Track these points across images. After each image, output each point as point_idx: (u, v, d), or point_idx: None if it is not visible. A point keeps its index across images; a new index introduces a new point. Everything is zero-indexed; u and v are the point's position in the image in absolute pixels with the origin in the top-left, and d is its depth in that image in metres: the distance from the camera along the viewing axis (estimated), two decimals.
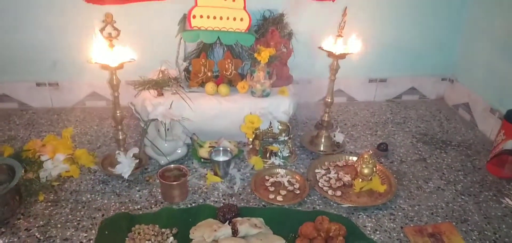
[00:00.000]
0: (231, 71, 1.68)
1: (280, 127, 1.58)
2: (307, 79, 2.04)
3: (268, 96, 1.63)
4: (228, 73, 1.68)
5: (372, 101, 2.19)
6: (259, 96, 1.62)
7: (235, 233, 1.15)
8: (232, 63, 1.66)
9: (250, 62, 1.68)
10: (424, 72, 2.18)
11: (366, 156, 1.41)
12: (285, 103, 1.63)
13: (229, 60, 1.66)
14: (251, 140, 1.58)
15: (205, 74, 1.66)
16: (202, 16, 1.55)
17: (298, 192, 1.40)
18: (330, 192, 1.40)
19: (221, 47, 1.74)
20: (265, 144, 1.60)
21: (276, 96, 1.64)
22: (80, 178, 1.43)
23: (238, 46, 1.70)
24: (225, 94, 1.62)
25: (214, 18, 1.56)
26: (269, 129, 1.58)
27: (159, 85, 1.60)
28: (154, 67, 1.70)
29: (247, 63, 1.72)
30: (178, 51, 1.67)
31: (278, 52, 1.67)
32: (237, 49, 1.71)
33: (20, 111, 1.89)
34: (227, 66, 1.67)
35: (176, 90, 1.59)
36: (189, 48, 1.75)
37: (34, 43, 1.78)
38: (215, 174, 1.46)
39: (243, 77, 1.69)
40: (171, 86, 1.61)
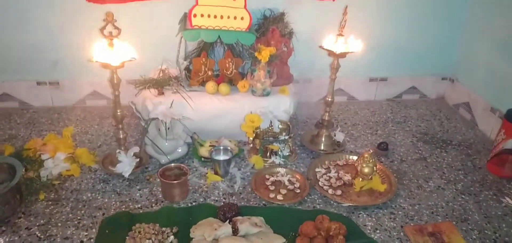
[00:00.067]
0: (231, 70, 1.68)
1: (280, 126, 1.58)
2: (308, 78, 2.04)
3: (268, 95, 1.63)
4: (228, 72, 1.68)
5: (372, 100, 2.19)
6: (260, 95, 1.62)
7: (235, 232, 1.15)
8: (233, 62, 1.67)
9: (251, 61, 1.69)
10: (424, 72, 2.18)
11: (366, 155, 1.41)
12: (286, 102, 1.63)
13: (230, 59, 1.66)
14: (251, 139, 1.57)
15: (205, 73, 1.66)
16: (202, 15, 1.55)
17: (298, 191, 1.40)
18: (330, 191, 1.40)
19: (221, 46, 1.73)
20: (265, 143, 1.60)
21: (276, 95, 1.64)
22: (81, 177, 1.43)
23: (239, 45, 1.70)
24: (225, 93, 1.62)
25: (215, 17, 1.55)
26: (270, 128, 1.58)
27: (159, 84, 1.60)
28: (154, 66, 1.70)
29: (248, 62, 1.72)
30: (178, 50, 1.67)
31: (279, 51, 1.67)
32: (237, 48, 1.71)
33: (21, 110, 1.89)
34: (227, 65, 1.67)
35: (177, 89, 1.59)
36: (189, 47, 1.75)
37: (34, 42, 1.78)
38: (216, 173, 1.46)
39: (243, 76, 1.69)
40: (171, 85, 1.60)
